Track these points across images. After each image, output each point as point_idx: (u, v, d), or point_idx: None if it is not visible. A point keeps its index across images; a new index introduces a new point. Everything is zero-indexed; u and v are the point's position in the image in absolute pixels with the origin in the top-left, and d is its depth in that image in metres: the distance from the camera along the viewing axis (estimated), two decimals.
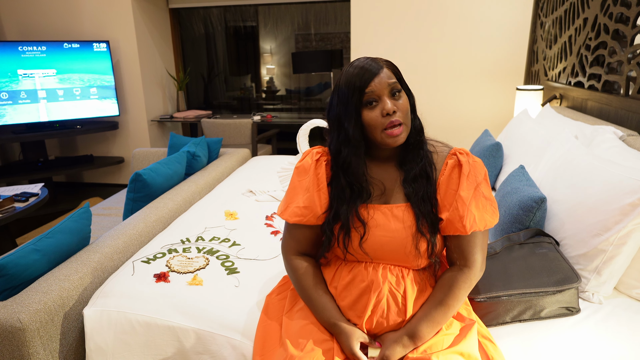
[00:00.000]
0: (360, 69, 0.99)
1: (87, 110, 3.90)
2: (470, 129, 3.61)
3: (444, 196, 1.04)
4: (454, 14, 3.42)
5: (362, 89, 0.98)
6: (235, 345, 1.22)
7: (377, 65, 1.00)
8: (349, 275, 1.07)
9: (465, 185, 1.01)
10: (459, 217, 1.01)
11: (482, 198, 1.02)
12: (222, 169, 2.70)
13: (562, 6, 2.64)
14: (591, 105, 2.20)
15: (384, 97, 0.98)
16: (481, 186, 1.02)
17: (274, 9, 5.49)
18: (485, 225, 1.02)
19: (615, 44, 1.95)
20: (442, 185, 1.05)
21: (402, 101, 1.00)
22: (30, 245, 1.36)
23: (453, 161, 1.05)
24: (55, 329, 1.26)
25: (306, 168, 1.10)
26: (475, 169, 1.03)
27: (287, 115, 4.82)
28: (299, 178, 1.11)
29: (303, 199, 1.08)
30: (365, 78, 0.98)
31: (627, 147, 1.50)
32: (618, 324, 1.17)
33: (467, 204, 1.00)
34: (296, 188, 1.11)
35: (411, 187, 1.04)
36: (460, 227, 1.01)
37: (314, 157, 1.10)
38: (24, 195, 2.48)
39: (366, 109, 0.99)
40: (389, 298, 1.03)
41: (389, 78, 0.99)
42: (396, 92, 0.99)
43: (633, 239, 1.19)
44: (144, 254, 1.60)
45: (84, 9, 3.98)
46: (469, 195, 1.01)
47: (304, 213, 1.07)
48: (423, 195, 1.03)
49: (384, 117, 0.98)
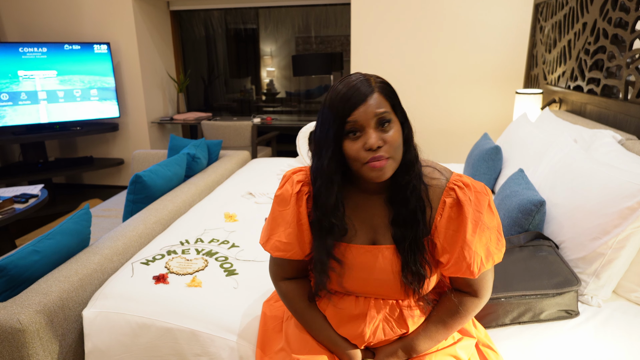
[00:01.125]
0: (348, 90, 0.86)
1: (87, 111, 3.91)
2: (470, 132, 3.62)
3: (443, 239, 0.93)
4: (454, 18, 3.43)
5: (344, 118, 0.85)
6: (234, 347, 1.22)
7: (367, 88, 0.86)
8: (341, 301, 1.01)
9: (470, 228, 0.90)
10: (466, 264, 0.91)
11: (486, 230, 0.91)
12: (222, 171, 2.70)
13: (562, 11, 2.65)
14: (590, 109, 2.21)
15: (368, 128, 0.85)
16: (484, 217, 0.91)
17: (274, 11, 5.50)
18: (493, 262, 0.94)
19: (614, 48, 1.96)
20: (440, 228, 0.93)
21: (392, 133, 0.86)
22: (30, 247, 1.37)
23: (451, 200, 0.92)
24: (55, 330, 1.26)
25: (286, 198, 0.99)
26: (479, 203, 0.91)
27: (287, 117, 4.82)
28: (280, 208, 1.00)
29: (285, 234, 0.99)
30: (349, 104, 0.84)
31: (626, 151, 1.51)
32: (617, 327, 1.18)
33: (473, 249, 0.90)
34: (277, 219, 1.00)
35: (399, 231, 0.93)
36: (467, 273, 0.92)
37: (295, 187, 0.98)
38: (24, 197, 2.48)
39: (348, 139, 0.86)
40: (384, 326, 0.99)
41: (377, 106, 0.85)
42: (385, 123, 0.85)
43: (632, 242, 1.19)
44: (144, 255, 1.60)
45: (84, 10, 3.99)
46: (474, 237, 0.90)
47: (286, 248, 0.99)
48: (411, 243, 0.92)
49: (366, 152, 0.85)
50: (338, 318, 1.01)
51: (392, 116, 0.87)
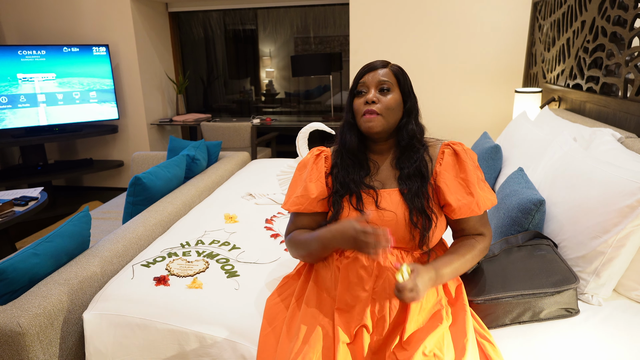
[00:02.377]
0: (370, 63, 1.14)
1: (86, 114, 3.91)
2: (469, 131, 3.62)
3: (449, 182, 1.10)
4: (453, 17, 3.43)
5: (358, 79, 1.14)
6: (235, 348, 1.22)
7: (381, 64, 1.13)
8: (353, 253, 1.11)
9: (470, 170, 1.10)
10: (472, 200, 1.08)
11: (481, 181, 1.12)
12: (222, 172, 2.70)
13: (560, 9, 2.65)
14: (589, 107, 2.21)
15: (371, 88, 1.11)
16: (477, 170, 1.12)
17: (273, 12, 5.50)
18: (491, 203, 1.13)
19: (613, 46, 1.96)
20: (441, 172, 1.12)
21: (388, 97, 1.11)
22: (30, 250, 1.36)
23: (449, 150, 1.13)
24: (55, 333, 1.26)
25: (305, 163, 1.24)
26: (471, 155, 1.13)
27: (287, 118, 4.82)
28: (299, 172, 1.25)
29: (300, 189, 1.19)
30: (364, 70, 1.13)
31: (626, 149, 1.50)
32: (617, 326, 1.17)
33: (476, 187, 1.09)
34: (297, 181, 1.23)
35: (405, 184, 1.11)
36: (475, 209, 1.08)
37: (314, 152, 1.24)
38: (24, 199, 2.48)
39: (357, 97, 1.14)
40: (389, 276, 1.06)
41: (383, 76, 1.11)
42: (385, 90, 1.11)
43: (632, 240, 1.19)
44: (144, 257, 1.60)
45: (83, 12, 3.99)
46: (474, 180, 1.09)
47: (301, 202, 1.18)
48: (417, 191, 1.10)
49: (364, 105, 1.11)
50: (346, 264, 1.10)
51: (393, 87, 1.12)
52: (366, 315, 1.04)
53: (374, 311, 1.05)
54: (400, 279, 0.96)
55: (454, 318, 1.08)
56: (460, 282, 1.19)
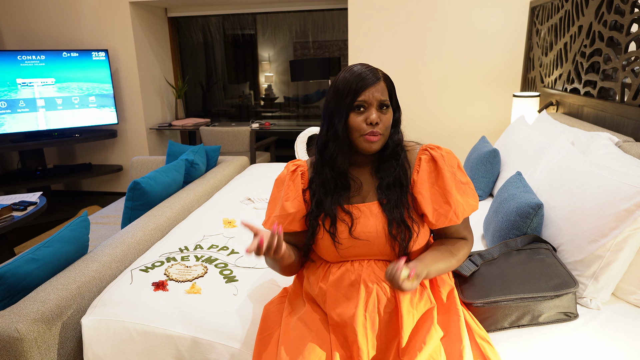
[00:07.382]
0: (362, 72, 1.06)
1: (85, 118, 3.91)
2: (468, 135, 3.62)
3: (425, 192, 1.09)
4: (451, 22, 3.45)
5: (356, 94, 1.05)
6: (234, 354, 1.22)
7: (375, 76, 1.06)
8: (339, 271, 1.11)
9: (447, 177, 1.08)
10: (450, 210, 1.07)
11: (461, 185, 1.10)
12: (221, 177, 2.70)
13: (557, 14, 2.67)
14: (587, 111, 2.22)
15: (372, 107, 1.05)
16: (457, 174, 1.10)
17: (272, 17, 5.52)
18: (472, 209, 1.12)
19: (610, 51, 1.97)
20: (418, 181, 1.11)
21: (387, 116, 1.08)
22: (28, 255, 1.36)
23: (426, 157, 1.12)
24: (53, 338, 1.26)
25: (282, 179, 1.20)
26: (450, 159, 1.11)
27: (286, 122, 4.83)
28: (277, 189, 1.21)
29: (279, 208, 1.16)
30: (363, 83, 1.05)
31: (623, 153, 1.51)
32: (616, 330, 1.17)
33: (453, 195, 1.07)
34: (275, 199, 1.21)
35: (384, 194, 1.10)
36: (453, 219, 1.08)
37: (290, 168, 1.20)
38: (23, 204, 2.48)
39: (354, 112, 1.06)
40: (378, 290, 1.07)
41: (381, 93, 1.06)
42: (384, 107, 1.07)
43: (629, 244, 1.19)
44: (143, 262, 1.59)
45: (83, 18, 4.00)
46: (452, 187, 1.08)
47: (280, 221, 1.15)
48: (396, 201, 1.09)
49: (367, 125, 1.05)
50: (334, 280, 1.11)
51: (389, 103, 1.08)
52: (358, 330, 1.02)
53: (366, 326, 1.03)
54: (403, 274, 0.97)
55: (448, 326, 1.06)
56: (453, 287, 1.18)
